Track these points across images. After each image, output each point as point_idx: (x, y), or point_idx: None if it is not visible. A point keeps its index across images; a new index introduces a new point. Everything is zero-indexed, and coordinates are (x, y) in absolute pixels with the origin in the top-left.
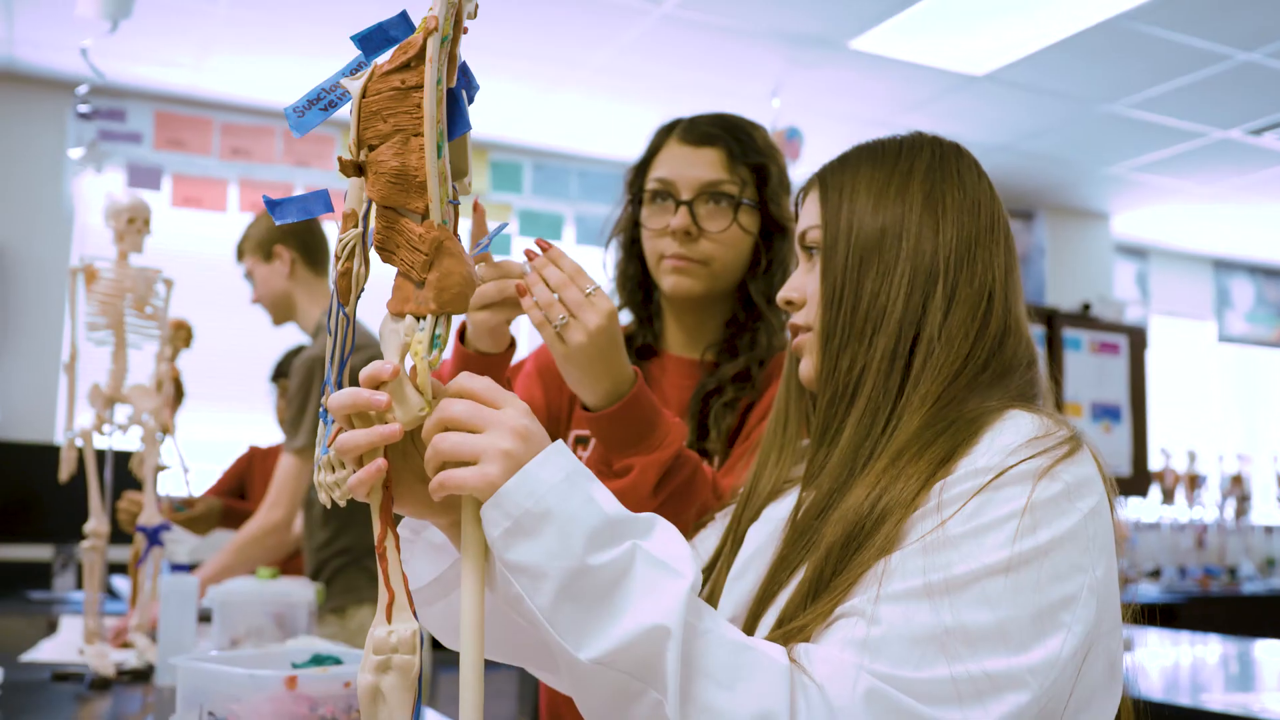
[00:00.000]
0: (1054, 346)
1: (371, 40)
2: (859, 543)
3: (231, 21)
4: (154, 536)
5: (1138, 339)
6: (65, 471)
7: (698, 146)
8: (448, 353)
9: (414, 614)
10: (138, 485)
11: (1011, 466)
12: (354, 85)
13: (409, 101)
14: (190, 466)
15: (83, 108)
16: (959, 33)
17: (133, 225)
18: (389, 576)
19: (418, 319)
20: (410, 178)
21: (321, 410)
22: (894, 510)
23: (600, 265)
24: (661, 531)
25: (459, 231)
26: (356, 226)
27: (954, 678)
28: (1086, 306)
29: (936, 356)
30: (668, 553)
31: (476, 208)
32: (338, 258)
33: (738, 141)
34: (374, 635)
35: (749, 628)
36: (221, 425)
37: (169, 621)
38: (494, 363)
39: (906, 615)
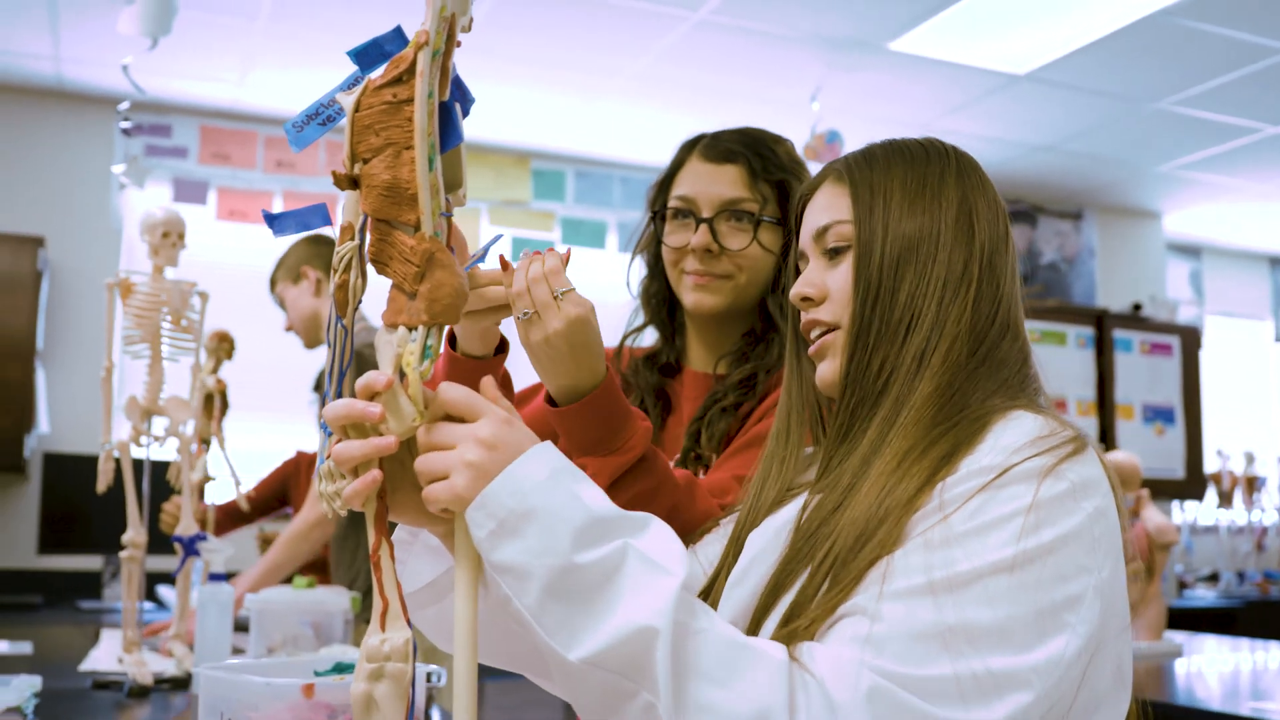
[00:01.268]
0: (1104, 348)
1: (367, 55)
2: (864, 542)
3: (272, 36)
4: (190, 547)
5: (1190, 339)
6: (102, 483)
7: (719, 163)
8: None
9: (408, 622)
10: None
11: (1015, 465)
12: (347, 100)
13: (400, 115)
14: (240, 478)
15: (124, 124)
16: (1000, 32)
17: (167, 239)
18: (383, 585)
19: (410, 330)
20: (402, 190)
21: (321, 421)
22: (895, 509)
23: (626, 278)
24: (656, 529)
25: (453, 244)
26: (353, 240)
27: (957, 676)
28: (1137, 307)
29: (952, 355)
30: (660, 551)
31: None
32: (334, 271)
33: (760, 157)
34: (367, 644)
35: (754, 628)
36: (267, 435)
37: (206, 630)
38: (484, 367)
39: (909, 612)
